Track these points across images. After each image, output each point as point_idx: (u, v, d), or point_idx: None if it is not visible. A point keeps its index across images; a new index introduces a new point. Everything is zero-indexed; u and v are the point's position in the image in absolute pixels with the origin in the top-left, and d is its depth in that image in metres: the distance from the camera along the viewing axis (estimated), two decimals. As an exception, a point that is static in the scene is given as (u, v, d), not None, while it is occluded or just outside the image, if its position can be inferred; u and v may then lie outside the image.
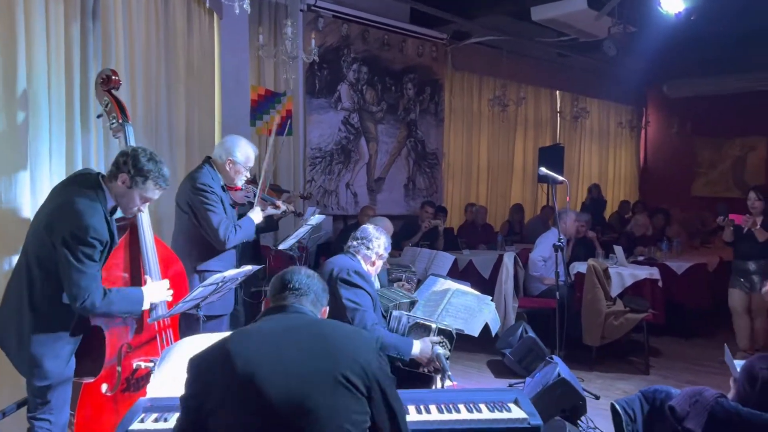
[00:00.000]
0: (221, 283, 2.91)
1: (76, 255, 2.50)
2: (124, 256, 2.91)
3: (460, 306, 3.62)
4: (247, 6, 4.19)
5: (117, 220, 2.83)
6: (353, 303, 3.14)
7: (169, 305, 2.95)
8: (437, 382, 3.15)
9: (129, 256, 2.93)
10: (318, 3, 6.73)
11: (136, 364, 2.88)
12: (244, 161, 3.53)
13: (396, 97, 7.84)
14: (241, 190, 3.67)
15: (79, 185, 2.65)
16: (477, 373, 5.20)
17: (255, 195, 3.71)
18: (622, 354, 5.57)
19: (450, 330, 3.22)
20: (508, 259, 6.04)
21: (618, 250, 6.14)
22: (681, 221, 8.49)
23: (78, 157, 3.47)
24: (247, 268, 3.04)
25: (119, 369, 2.81)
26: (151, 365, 2.80)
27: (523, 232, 8.48)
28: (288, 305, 1.90)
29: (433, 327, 3.20)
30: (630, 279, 5.77)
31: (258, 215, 3.63)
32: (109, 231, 2.65)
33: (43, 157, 3.23)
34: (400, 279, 4.54)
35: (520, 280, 6.16)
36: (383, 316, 3.37)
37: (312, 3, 6.68)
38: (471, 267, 6.40)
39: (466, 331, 3.47)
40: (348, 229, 6.15)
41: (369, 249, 3.39)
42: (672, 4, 6.34)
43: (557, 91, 10.44)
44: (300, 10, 6.60)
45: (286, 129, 5.79)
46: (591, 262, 5.47)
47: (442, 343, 3.11)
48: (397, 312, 3.34)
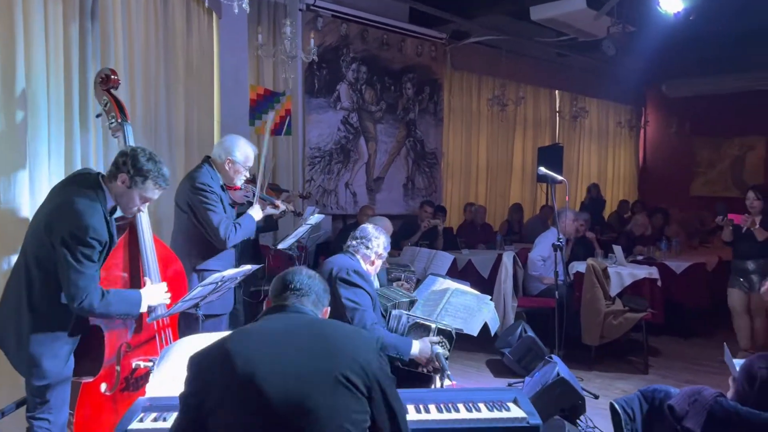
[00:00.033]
0: (220, 283, 2.91)
1: (75, 255, 2.50)
2: (123, 255, 2.91)
3: (459, 305, 3.62)
4: (246, 5, 4.19)
5: (116, 219, 2.83)
6: (352, 302, 3.14)
7: (168, 305, 2.95)
8: (436, 381, 3.15)
9: (128, 255, 2.93)
10: (317, 2, 6.73)
11: (135, 363, 2.88)
12: (243, 161, 3.53)
13: (395, 97, 7.84)
14: (241, 189, 3.67)
15: (79, 185, 2.65)
16: (476, 373, 5.20)
17: (254, 194, 3.71)
18: (621, 353, 5.57)
19: (449, 330, 3.22)
20: (507, 259, 6.04)
21: (617, 249, 6.14)
22: (680, 221, 8.49)
23: (77, 157, 3.47)
24: (246, 267, 3.04)
25: (118, 368, 2.81)
26: (150, 365, 2.80)
27: (522, 231, 8.48)
28: (289, 305, 1.90)
29: (433, 327, 3.19)
30: (629, 278, 5.77)
31: (258, 212, 3.63)
32: (109, 231, 2.64)
33: (42, 157, 3.22)
34: (399, 278, 4.55)
35: (519, 279, 6.17)
36: (382, 315, 3.37)
37: (311, 2, 6.68)
38: (470, 266, 6.40)
39: (465, 331, 3.47)
40: (347, 229, 6.16)
41: (368, 248, 3.39)
42: (671, 3, 6.35)
43: (556, 91, 10.44)
44: (299, 9, 6.60)
45: (284, 128, 5.79)
46: (590, 261, 5.47)
47: (441, 343, 3.10)
48: (397, 311, 3.34)
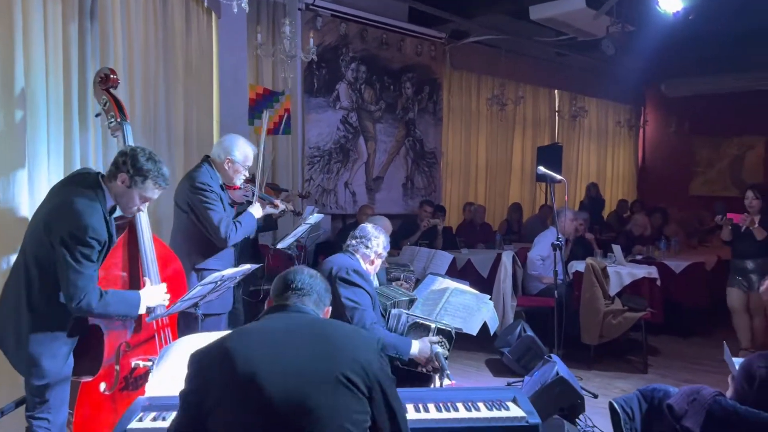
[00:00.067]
0: (219, 282, 2.91)
1: (74, 255, 2.50)
2: (122, 255, 2.91)
3: (458, 305, 3.61)
4: (246, 5, 4.19)
5: (115, 219, 2.82)
6: (352, 302, 3.14)
7: (168, 304, 2.94)
8: (436, 380, 3.15)
9: (127, 255, 2.93)
10: (316, 2, 6.73)
11: (134, 362, 2.87)
12: (242, 160, 3.53)
13: (394, 96, 7.84)
14: (240, 189, 3.67)
15: (78, 185, 2.65)
16: (475, 372, 5.20)
17: (254, 194, 3.71)
18: (620, 353, 5.57)
19: (449, 330, 3.22)
20: (506, 258, 6.04)
21: (616, 249, 6.15)
22: (679, 220, 8.49)
23: (76, 157, 3.47)
24: (246, 267, 3.04)
25: (117, 368, 2.81)
26: (150, 364, 2.80)
27: (522, 231, 8.48)
28: (290, 305, 1.90)
29: (432, 327, 3.19)
30: (628, 278, 5.77)
31: (258, 210, 3.63)
32: (108, 231, 2.64)
33: (41, 157, 3.22)
34: (398, 278, 4.55)
35: (518, 278, 6.17)
36: (382, 315, 3.37)
37: (310, 2, 6.68)
38: (469, 266, 6.40)
39: (464, 330, 3.47)
40: (347, 228, 6.16)
41: (368, 248, 3.38)
42: (670, 3, 6.35)
43: (555, 91, 10.44)
44: (298, 9, 6.60)
45: (282, 127, 5.79)
46: (589, 261, 5.47)
47: (440, 343, 3.11)
48: (396, 310, 3.34)
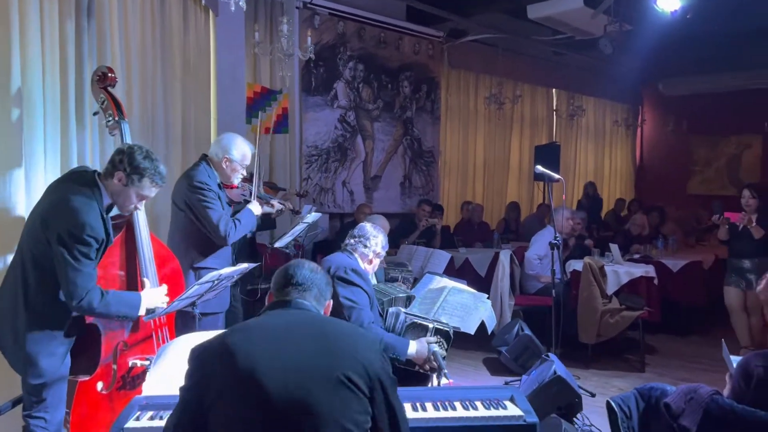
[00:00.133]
0: (217, 281, 2.90)
1: (72, 253, 2.49)
2: (120, 254, 2.90)
3: (456, 304, 3.61)
4: (243, 3, 4.18)
5: (113, 218, 2.82)
6: (350, 301, 3.14)
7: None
8: (433, 380, 3.15)
9: (125, 254, 2.92)
10: (314, 0, 6.72)
11: (131, 362, 2.87)
12: (240, 159, 3.52)
13: (392, 95, 7.84)
14: (238, 188, 3.67)
15: (75, 183, 2.64)
16: (473, 371, 5.20)
17: (251, 193, 3.71)
18: (617, 352, 5.58)
19: (447, 330, 3.22)
20: (504, 257, 6.05)
21: (614, 248, 6.15)
22: (676, 219, 8.50)
23: (73, 155, 3.46)
24: (243, 266, 3.04)
25: (115, 367, 2.80)
26: (147, 363, 2.80)
27: (519, 230, 8.49)
28: (291, 300, 1.89)
29: (430, 327, 3.19)
30: (626, 277, 5.78)
31: (257, 207, 3.62)
32: (105, 229, 2.63)
33: (38, 156, 3.21)
34: (396, 279, 4.54)
35: (516, 277, 6.17)
36: (380, 314, 3.37)
37: (308, 0, 6.67)
38: (467, 265, 6.41)
39: (462, 329, 3.47)
40: (345, 227, 6.15)
41: (366, 247, 3.38)
42: (668, 2, 6.36)
43: (553, 89, 10.45)
44: (296, 7, 6.60)
45: (279, 126, 5.79)
46: (587, 260, 5.47)
47: (438, 343, 3.10)
48: (394, 308, 3.34)
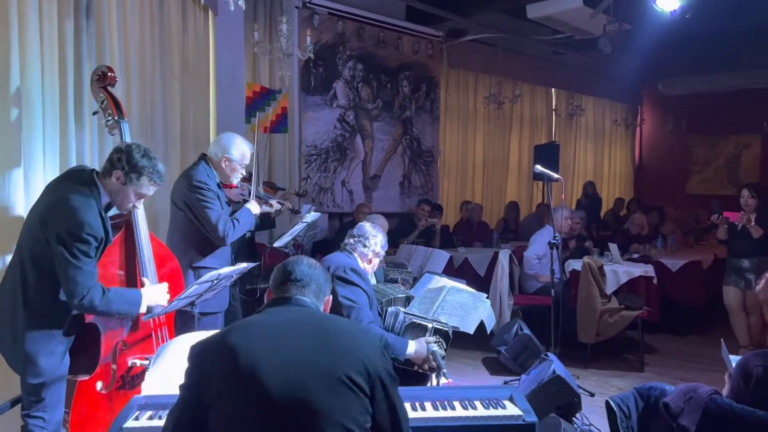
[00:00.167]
0: (216, 281, 2.90)
1: (71, 251, 2.49)
2: (119, 253, 2.90)
3: (455, 303, 3.61)
4: (242, 3, 4.19)
5: (112, 218, 2.82)
6: (349, 300, 3.14)
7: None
8: (432, 379, 3.15)
9: (124, 253, 2.92)
10: (313, 0, 6.72)
11: (131, 361, 2.87)
12: (239, 158, 3.52)
13: (391, 95, 7.83)
14: (237, 187, 3.67)
15: (73, 182, 2.64)
16: (472, 371, 5.20)
17: (250, 193, 3.71)
18: (616, 351, 5.58)
19: (446, 329, 3.22)
20: (503, 257, 6.05)
21: (613, 247, 6.15)
22: (675, 219, 8.51)
23: (72, 155, 3.46)
24: (242, 265, 3.03)
25: (114, 367, 2.80)
26: (146, 363, 2.79)
27: (519, 229, 8.49)
28: (290, 297, 1.89)
29: (429, 327, 3.19)
30: (625, 276, 5.78)
31: (256, 207, 3.62)
32: (104, 228, 2.63)
33: (37, 155, 3.21)
34: (396, 280, 4.54)
35: (515, 277, 6.17)
36: (379, 314, 3.37)
37: (307, 0, 6.67)
38: (466, 264, 6.41)
39: (461, 329, 3.47)
40: (345, 227, 6.15)
41: (366, 247, 3.38)
42: (667, 2, 6.36)
43: (552, 89, 10.45)
44: (295, 7, 6.60)
45: (278, 126, 5.79)
46: (586, 259, 5.47)
47: (438, 342, 3.10)
48: (393, 308, 3.34)
